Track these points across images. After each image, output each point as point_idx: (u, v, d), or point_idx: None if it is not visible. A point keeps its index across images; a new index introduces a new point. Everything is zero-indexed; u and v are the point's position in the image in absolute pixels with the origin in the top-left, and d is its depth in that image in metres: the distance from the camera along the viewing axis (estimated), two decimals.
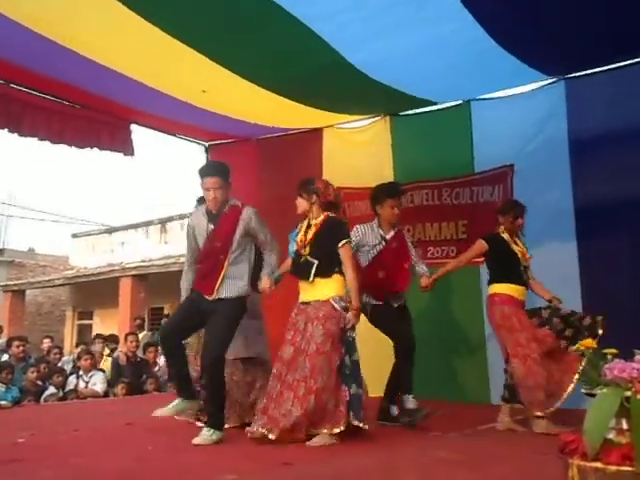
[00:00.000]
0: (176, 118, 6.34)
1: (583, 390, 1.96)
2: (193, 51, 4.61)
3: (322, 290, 3.75)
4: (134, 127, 6.41)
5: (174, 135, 7.13)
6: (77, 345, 9.75)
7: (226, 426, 3.87)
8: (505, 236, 4.31)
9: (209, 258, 3.77)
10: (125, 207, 30.90)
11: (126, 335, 8.71)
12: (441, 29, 4.27)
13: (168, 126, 6.75)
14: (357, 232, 4.43)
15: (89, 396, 7.37)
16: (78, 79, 5.25)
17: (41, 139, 5.57)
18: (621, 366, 1.86)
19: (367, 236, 4.44)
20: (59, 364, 8.62)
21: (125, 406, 6.27)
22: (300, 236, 3.90)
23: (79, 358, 8.09)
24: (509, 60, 4.71)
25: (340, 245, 3.78)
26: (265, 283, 3.79)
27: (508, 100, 5.66)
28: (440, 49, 4.57)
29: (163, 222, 14.23)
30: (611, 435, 1.81)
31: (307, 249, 3.81)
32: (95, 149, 6.04)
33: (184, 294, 3.92)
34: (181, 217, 13.73)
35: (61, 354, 9.38)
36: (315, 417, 3.59)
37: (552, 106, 5.32)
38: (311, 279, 3.74)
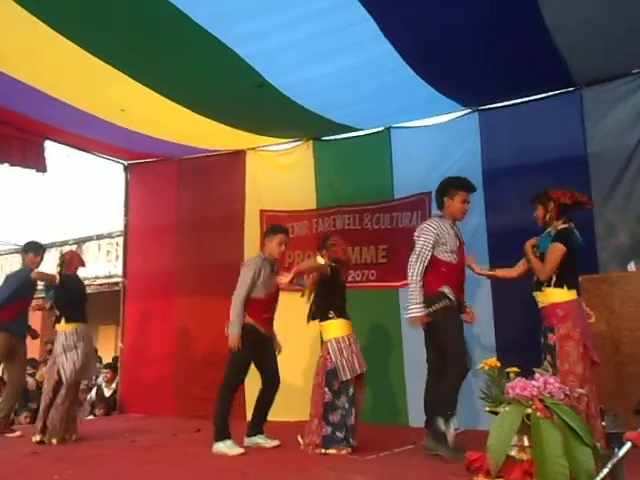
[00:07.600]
0: (94, 136, 6.17)
1: (487, 408, 2.02)
2: (112, 69, 4.52)
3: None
4: (48, 144, 6.19)
5: (91, 153, 6.93)
6: None
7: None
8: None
9: (272, 305, 4.66)
10: (39, 226, 29.46)
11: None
12: (363, 58, 4.40)
13: (85, 144, 6.56)
14: (431, 228, 4.07)
15: None
16: None
17: None
18: (523, 384, 1.93)
19: (446, 235, 4.09)
20: None
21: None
22: None
23: None
24: (427, 90, 4.91)
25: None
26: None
27: (426, 129, 5.87)
28: (362, 77, 4.70)
29: (79, 242, 13.59)
30: (513, 452, 1.88)
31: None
32: (5, 165, 5.80)
33: (238, 327, 4.39)
34: (99, 237, 13.19)
35: None
36: None
37: (467, 136, 5.56)
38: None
